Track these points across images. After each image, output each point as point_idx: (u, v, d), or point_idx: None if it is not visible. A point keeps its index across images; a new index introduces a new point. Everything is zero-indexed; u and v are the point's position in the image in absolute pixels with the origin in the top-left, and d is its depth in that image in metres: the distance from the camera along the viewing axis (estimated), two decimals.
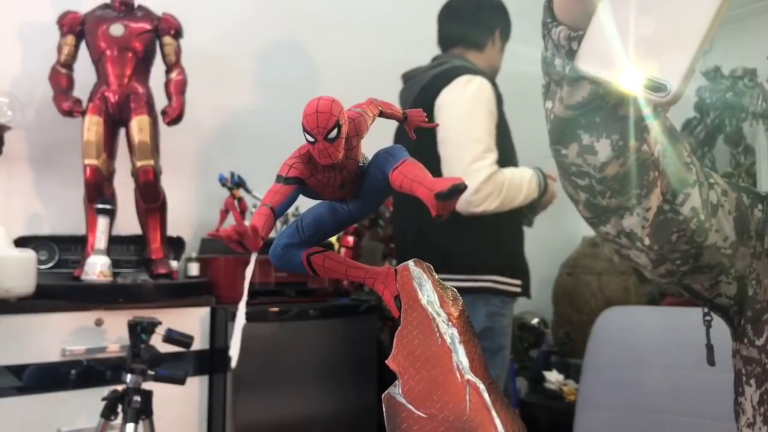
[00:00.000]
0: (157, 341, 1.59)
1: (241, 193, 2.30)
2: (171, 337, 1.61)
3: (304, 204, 0.47)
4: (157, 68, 2.06)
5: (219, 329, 1.96)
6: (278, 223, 2.07)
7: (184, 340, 1.63)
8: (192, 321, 1.90)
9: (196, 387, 1.92)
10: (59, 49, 1.95)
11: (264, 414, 1.94)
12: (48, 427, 1.67)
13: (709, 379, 0.63)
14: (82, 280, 1.80)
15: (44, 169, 2.10)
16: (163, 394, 1.61)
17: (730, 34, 3.00)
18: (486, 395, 0.34)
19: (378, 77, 2.98)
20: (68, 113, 1.91)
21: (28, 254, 1.70)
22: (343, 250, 2.48)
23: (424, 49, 3.12)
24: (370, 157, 0.46)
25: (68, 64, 1.96)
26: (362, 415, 2.09)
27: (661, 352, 1.61)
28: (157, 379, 1.55)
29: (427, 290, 0.39)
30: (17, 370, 1.67)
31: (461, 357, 0.36)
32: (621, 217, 0.56)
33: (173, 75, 2.03)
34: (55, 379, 1.70)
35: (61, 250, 2.02)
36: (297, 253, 0.47)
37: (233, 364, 0.44)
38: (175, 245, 2.17)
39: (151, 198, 1.96)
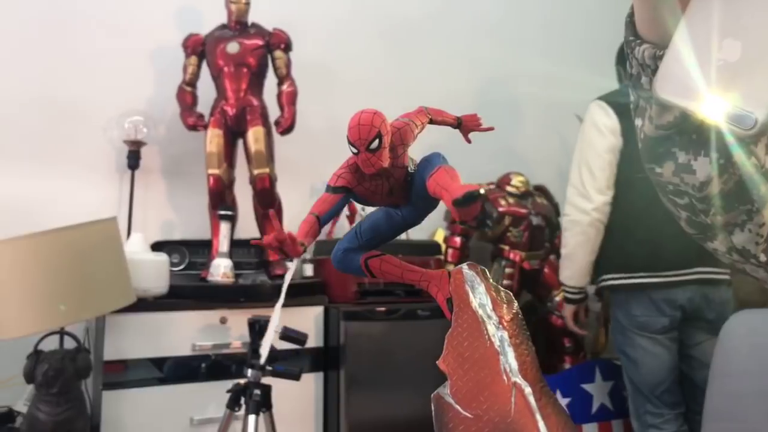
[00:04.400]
0: (274, 338, 1.70)
1: None
2: (287, 334, 1.71)
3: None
4: (270, 81, 2.18)
5: (332, 328, 2.04)
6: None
7: (298, 337, 1.72)
8: (307, 319, 2.00)
9: (312, 383, 2.01)
10: (184, 69, 2.14)
11: (375, 411, 1.99)
12: (182, 415, 1.82)
13: None
14: (208, 281, 1.96)
15: (175, 179, 2.31)
16: (282, 388, 1.70)
17: None
18: (531, 398, 0.34)
19: (484, 79, 2.97)
20: (193, 127, 2.08)
21: (162, 258, 1.87)
22: (450, 251, 2.49)
23: (529, 51, 3.07)
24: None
25: (192, 82, 2.14)
26: None
27: None
28: (274, 374, 1.65)
29: (479, 293, 0.39)
30: (159, 363, 1.85)
31: (510, 359, 0.36)
32: (730, 234, 0.51)
33: (284, 87, 2.14)
34: (188, 372, 1.86)
35: (191, 253, 2.20)
36: (356, 257, 0.49)
37: (262, 360, 0.47)
38: None
39: (267, 203, 2.08)
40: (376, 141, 0.42)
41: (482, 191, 0.48)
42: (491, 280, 0.41)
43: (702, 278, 1.90)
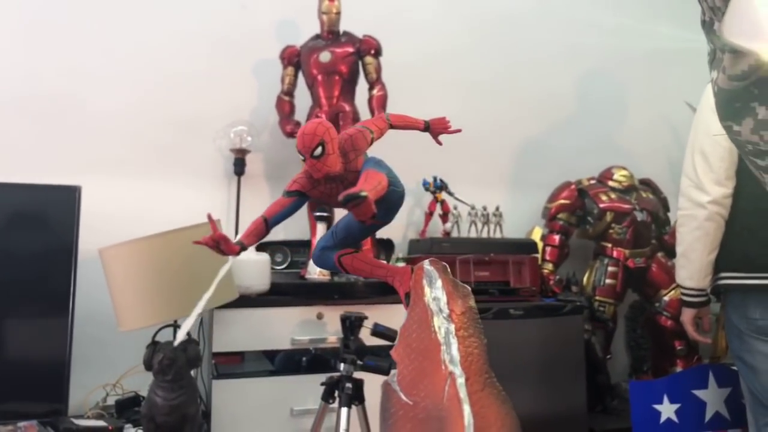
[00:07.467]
0: (365, 334, 1.76)
1: (443, 195, 2.40)
2: (377, 330, 1.76)
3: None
4: (362, 86, 2.25)
5: None
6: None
7: (388, 334, 1.77)
8: (398, 317, 2.03)
9: None
10: (282, 80, 2.27)
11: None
12: (283, 405, 1.92)
13: None
14: (306, 279, 2.06)
15: (277, 184, 2.45)
16: (378, 383, 1.75)
17: None
18: (463, 388, 0.35)
19: (583, 70, 2.86)
20: (291, 135, 2.20)
21: (263, 257, 2.00)
22: (548, 249, 2.43)
23: (631, 35, 2.90)
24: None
25: (290, 92, 2.27)
26: (572, 417, 2.02)
27: None
28: (364, 368, 1.70)
29: (436, 288, 0.41)
30: (262, 355, 1.97)
31: (452, 350, 0.37)
32: None
33: (375, 91, 2.21)
34: (288, 365, 1.97)
35: (292, 253, 2.33)
36: (331, 254, 0.53)
37: (176, 344, 0.52)
38: (385, 246, 2.35)
39: None
40: (319, 148, 0.45)
41: (363, 194, 0.51)
42: (450, 276, 0.42)
43: None
